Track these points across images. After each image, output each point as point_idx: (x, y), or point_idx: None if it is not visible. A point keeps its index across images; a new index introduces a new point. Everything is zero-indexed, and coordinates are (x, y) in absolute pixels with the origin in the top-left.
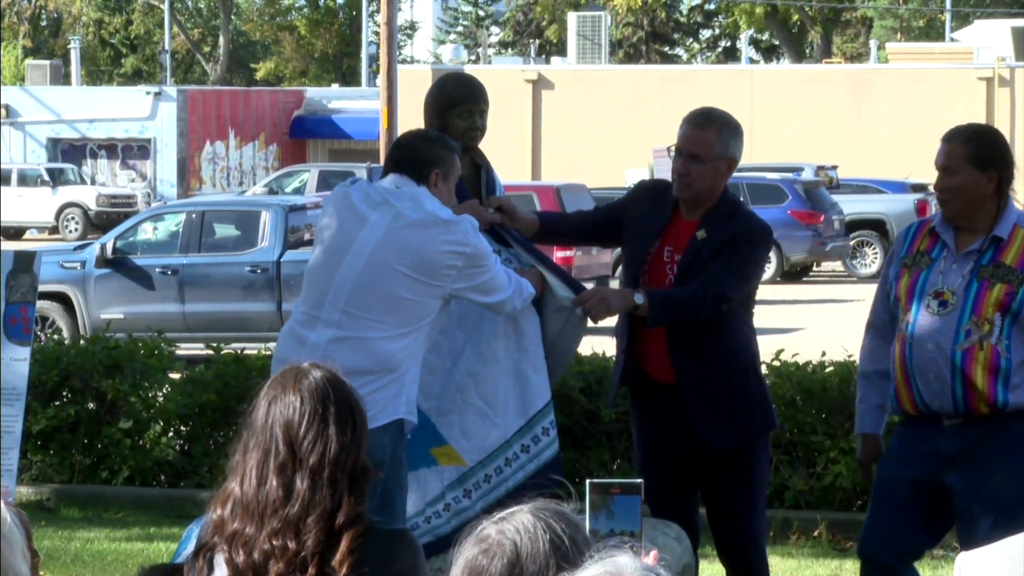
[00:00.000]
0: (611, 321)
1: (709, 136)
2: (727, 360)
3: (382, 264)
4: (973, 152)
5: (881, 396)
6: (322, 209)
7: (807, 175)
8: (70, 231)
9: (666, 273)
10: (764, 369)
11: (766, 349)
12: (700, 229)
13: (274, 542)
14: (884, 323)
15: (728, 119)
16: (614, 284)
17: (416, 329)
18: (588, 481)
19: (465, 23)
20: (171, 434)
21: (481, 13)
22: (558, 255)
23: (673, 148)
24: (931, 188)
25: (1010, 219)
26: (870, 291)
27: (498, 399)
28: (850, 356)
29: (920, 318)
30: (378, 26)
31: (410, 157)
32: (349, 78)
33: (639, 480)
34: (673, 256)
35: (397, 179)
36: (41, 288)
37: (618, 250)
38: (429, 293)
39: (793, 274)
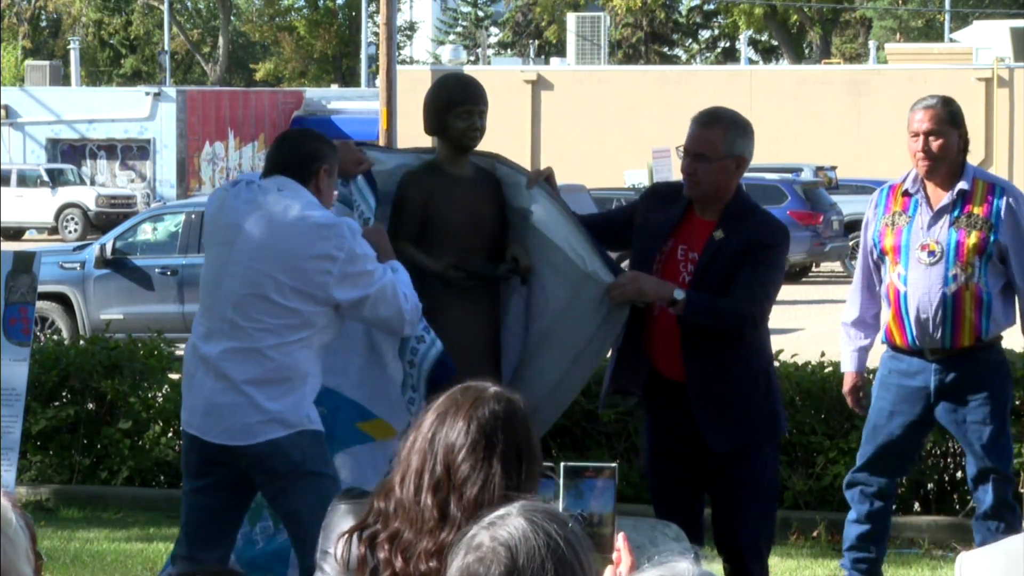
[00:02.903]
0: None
1: (714, 135)
2: (738, 361)
3: (260, 272)
4: (950, 115)
5: (864, 340)
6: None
7: (806, 176)
8: (69, 232)
9: (680, 271)
10: None
11: None
12: (717, 229)
13: (431, 564)
14: (870, 280)
15: (735, 118)
16: None
17: (307, 338)
18: (562, 464)
19: (464, 24)
20: (171, 434)
21: (480, 14)
22: None
23: (680, 148)
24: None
25: (969, 173)
26: None
27: (373, 349)
28: None
29: (913, 269)
30: (377, 26)
31: (294, 155)
32: (348, 79)
33: (613, 464)
34: (687, 254)
35: (279, 181)
36: (41, 288)
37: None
38: (309, 300)
39: (792, 275)
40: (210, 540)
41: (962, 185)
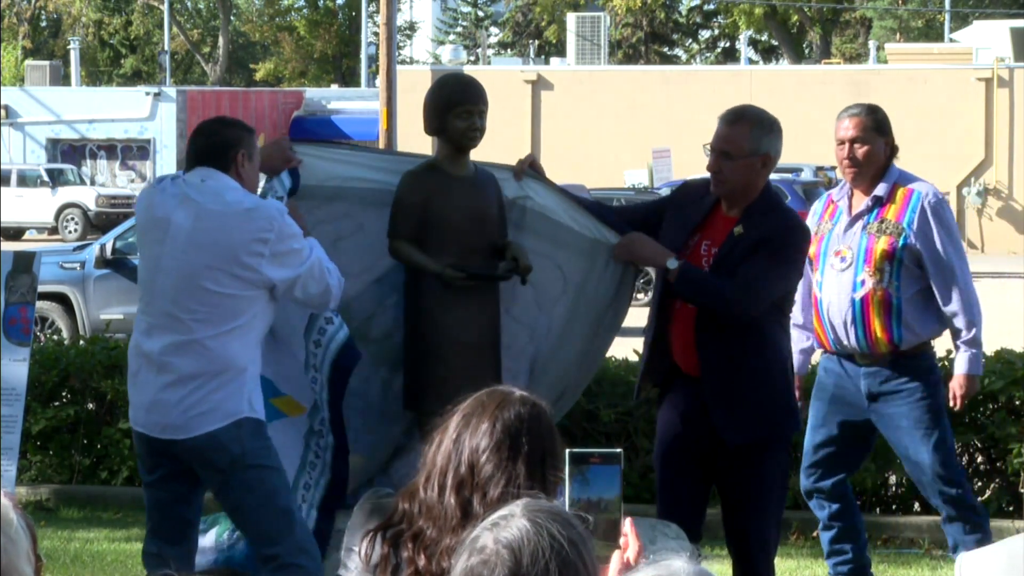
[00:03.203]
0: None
1: (739, 133)
2: (751, 356)
3: (193, 263)
4: (876, 123)
5: (806, 343)
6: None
7: (806, 175)
8: (69, 232)
9: (702, 266)
10: None
11: None
12: (738, 225)
13: (454, 561)
14: (809, 284)
15: (762, 116)
16: None
17: (245, 325)
18: (567, 451)
19: (464, 24)
20: None
21: (480, 14)
22: None
23: (707, 146)
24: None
25: (891, 179)
26: None
27: (282, 330)
28: None
29: (827, 275)
30: (377, 27)
31: (212, 144)
32: (348, 79)
33: (618, 450)
34: (711, 249)
35: (202, 172)
36: (41, 288)
37: None
38: (244, 285)
39: None
40: (172, 534)
41: (878, 191)
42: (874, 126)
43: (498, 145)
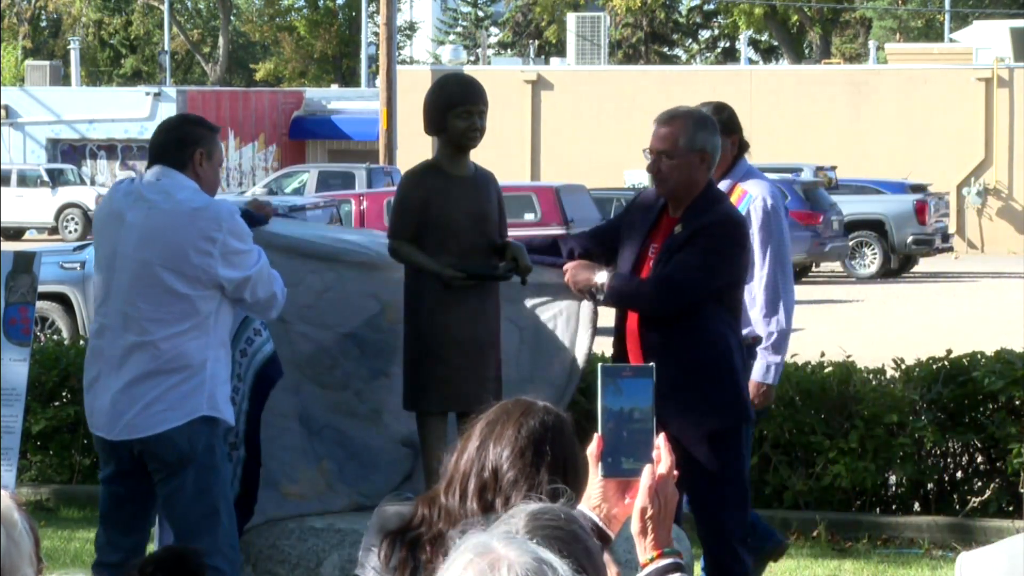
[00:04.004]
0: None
1: (674, 131)
2: (691, 349)
3: (145, 263)
4: (721, 122)
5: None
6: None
7: (806, 176)
8: (70, 232)
9: (648, 261)
10: None
11: None
12: (679, 224)
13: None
14: None
15: (695, 113)
16: None
17: (201, 325)
18: (600, 365)
19: (464, 24)
20: None
21: (480, 14)
22: None
23: (646, 150)
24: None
25: (734, 176)
26: (869, 292)
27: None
28: (848, 357)
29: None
30: (377, 27)
31: (170, 141)
32: (348, 79)
33: (651, 364)
34: (657, 251)
35: (158, 171)
36: (41, 288)
37: None
38: (196, 285)
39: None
40: (125, 527)
41: (720, 187)
42: (720, 126)
43: (498, 145)
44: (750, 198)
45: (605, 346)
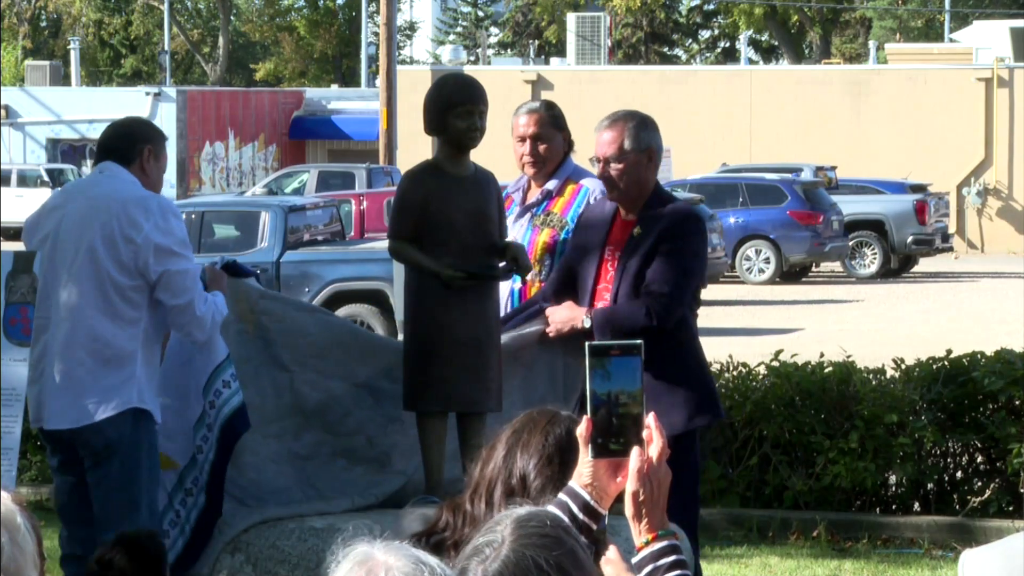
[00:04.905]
0: None
1: (615, 135)
2: (667, 352)
3: (79, 253)
4: (553, 119)
5: None
6: None
7: (806, 176)
8: None
9: (608, 270)
10: (763, 370)
11: (766, 349)
12: (636, 226)
13: None
14: None
15: (633, 115)
16: None
17: (135, 320)
18: (587, 344)
19: (464, 24)
20: None
21: (480, 14)
22: None
23: (593, 159)
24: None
25: (565, 173)
26: (869, 292)
27: (179, 389)
28: (849, 357)
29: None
30: (377, 27)
31: (118, 135)
32: (348, 79)
33: (639, 341)
34: (614, 254)
35: (102, 165)
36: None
37: None
38: (127, 273)
39: (792, 275)
40: (79, 517)
41: (550, 185)
42: (552, 122)
43: (498, 146)
44: (587, 191)
45: None
